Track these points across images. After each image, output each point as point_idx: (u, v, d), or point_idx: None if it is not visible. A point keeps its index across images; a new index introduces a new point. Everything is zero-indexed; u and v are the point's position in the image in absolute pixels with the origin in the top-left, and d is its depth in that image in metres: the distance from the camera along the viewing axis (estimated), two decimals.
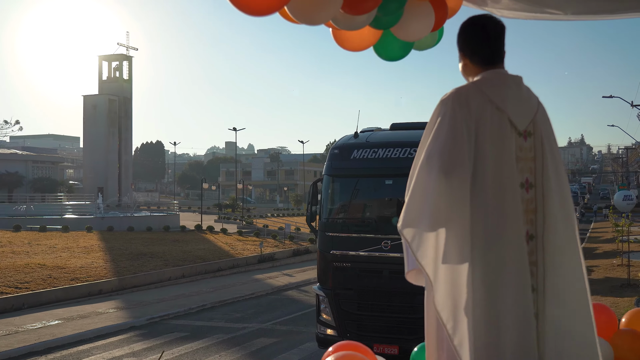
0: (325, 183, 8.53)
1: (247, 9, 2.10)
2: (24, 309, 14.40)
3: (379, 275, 7.83)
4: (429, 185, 2.25)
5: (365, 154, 8.19)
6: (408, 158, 7.60)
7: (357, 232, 8.10)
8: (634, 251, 18.74)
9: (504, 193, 2.31)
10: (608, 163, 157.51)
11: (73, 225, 31.93)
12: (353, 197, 8.59)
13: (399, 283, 7.41)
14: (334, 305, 8.01)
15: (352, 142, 8.51)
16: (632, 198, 39.71)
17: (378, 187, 8.39)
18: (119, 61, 59.19)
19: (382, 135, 8.73)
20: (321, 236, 8.41)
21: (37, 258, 20.11)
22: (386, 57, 3.00)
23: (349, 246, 8.04)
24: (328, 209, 8.49)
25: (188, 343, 10.93)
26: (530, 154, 2.40)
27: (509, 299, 2.25)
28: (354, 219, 8.45)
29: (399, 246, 7.23)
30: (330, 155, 8.59)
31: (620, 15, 3.13)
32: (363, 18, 2.51)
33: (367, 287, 7.85)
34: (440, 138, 2.30)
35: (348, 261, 8.01)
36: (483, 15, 2.56)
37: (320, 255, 8.41)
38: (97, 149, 55.98)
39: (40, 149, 77.72)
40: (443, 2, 2.92)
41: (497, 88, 2.41)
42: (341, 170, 8.39)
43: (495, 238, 2.28)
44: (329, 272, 8.17)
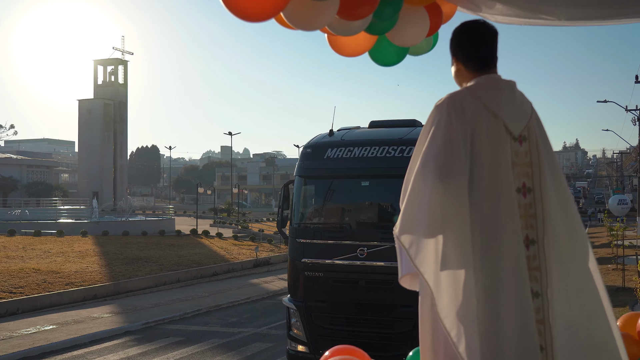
0: (296, 185, 7.87)
1: (244, 15, 2.11)
2: (19, 313, 14.33)
3: (354, 286, 7.15)
4: (426, 191, 2.25)
5: (340, 153, 7.53)
6: (386, 157, 7.19)
7: (330, 239, 7.39)
8: (629, 255, 18.79)
9: (500, 198, 2.30)
10: (603, 167, 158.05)
11: (68, 229, 31.80)
12: (326, 200, 7.91)
13: (375, 295, 6.99)
14: (306, 319, 7.33)
15: (326, 141, 7.83)
16: (627, 202, 39.87)
17: (354, 189, 7.71)
18: (114, 65, 59.13)
19: (359, 133, 8.12)
20: (292, 243, 7.72)
21: (31, 263, 20.03)
22: (382, 62, 3.02)
23: (321, 254, 7.35)
24: (299, 213, 7.81)
25: (183, 348, 10.90)
26: (526, 159, 2.40)
27: (508, 305, 2.23)
28: (327, 224, 7.72)
29: (375, 254, 6.92)
30: (302, 155, 7.92)
31: (613, 21, 3.16)
32: (358, 24, 2.53)
33: (341, 299, 7.20)
34: (436, 144, 2.30)
35: (320, 270, 7.32)
36: (476, 21, 2.56)
37: (290, 263, 7.75)
38: (92, 153, 55.85)
39: (35, 154, 77.54)
40: (438, 7, 2.93)
41: (492, 93, 2.41)
42: (313, 171, 7.74)
43: (492, 243, 2.27)
44: (299, 282, 7.48)
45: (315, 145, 7.82)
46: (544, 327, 2.29)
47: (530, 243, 2.34)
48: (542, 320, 2.29)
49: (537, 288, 2.31)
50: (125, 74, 59.60)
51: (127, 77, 59.75)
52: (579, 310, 2.35)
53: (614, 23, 3.20)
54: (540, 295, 2.31)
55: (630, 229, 23.89)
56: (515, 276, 2.26)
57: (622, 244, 18.13)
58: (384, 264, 6.88)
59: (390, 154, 7.17)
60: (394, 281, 7.18)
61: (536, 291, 2.30)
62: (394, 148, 7.17)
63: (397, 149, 7.15)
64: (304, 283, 7.41)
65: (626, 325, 3.66)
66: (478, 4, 2.98)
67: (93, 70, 59.24)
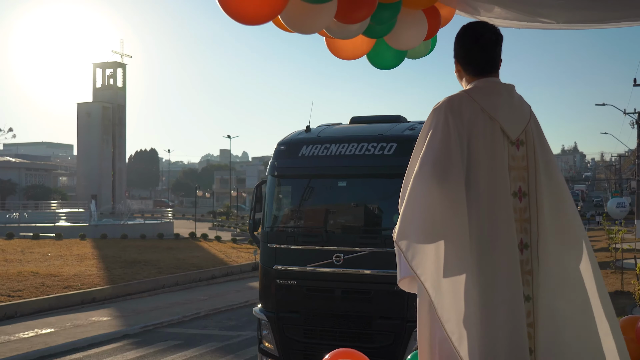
0: (269, 185, 7.29)
1: (241, 18, 2.11)
2: (17, 317, 14.29)
3: (330, 295, 6.60)
4: (423, 194, 2.25)
5: (316, 151, 6.94)
6: (365, 155, 6.67)
7: (304, 244, 6.82)
8: (627, 259, 18.80)
9: (495, 202, 2.30)
10: (601, 170, 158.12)
11: (66, 232, 31.77)
12: (300, 202, 7.31)
13: (353, 305, 6.51)
14: (277, 331, 6.77)
15: (301, 137, 7.26)
16: (625, 205, 39.87)
17: (330, 189, 7.08)
18: (113, 69, 59.13)
19: (337, 129, 7.57)
20: (263, 248, 7.14)
21: (30, 266, 19.99)
22: (380, 65, 3.02)
23: (294, 260, 6.80)
24: (271, 215, 7.22)
25: (182, 351, 10.88)
26: (523, 163, 2.40)
27: (502, 309, 2.23)
28: (301, 227, 7.13)
29: (352, 260, 6.45)
30: (275, 153, 7.30)
31: (611, 25, 3.17)
32: (356, 27, 2.53)
33: (316, 310, 6.65)
34: (434, 147, 2.30)
35: (293, 278, 6.76)
36: (479, 23, 2.56)
37: (261, 270, 7.15)
38: (91, 156, 55.82)
39: (33, 157, 77.48)
40: (436, 11, 2.94)
41: (489, 97, 2.41)
42: (286, 170, 7.15)
43: (488, 247, 2.27)
44: (271, 291, 6.91)
45: (289, 143, 7.26)
46: (533, 330, 2.31)
47: (524, 247, 2.35)
48: (531, 324, 2.31)
49: (529, 292, 2.32)
50: (124, 77, 59.60)
51: (125, 81, 59.78)
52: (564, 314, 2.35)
53: (612, 26, 3.21)
54: (531, 299, 2.32)
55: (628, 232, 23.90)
56: (510, 280, 2.26)
57: (621, 247, 18.12)
58: (362, 271, 6.48)
59: (369, 152, 6.67)
60: (373, 291, 6.38)
61: (527, 295, 2.32)
62: (373, 145, 6.69)
63: (377, 146, 6.66)
64: (275, 292, 6.88)
65: (624, 328, 3.66)
66: (476, 7, 2.99)
67: (92, 74, 59.27)
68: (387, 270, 6.26)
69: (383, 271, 6.35)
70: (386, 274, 6.29)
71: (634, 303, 12.83)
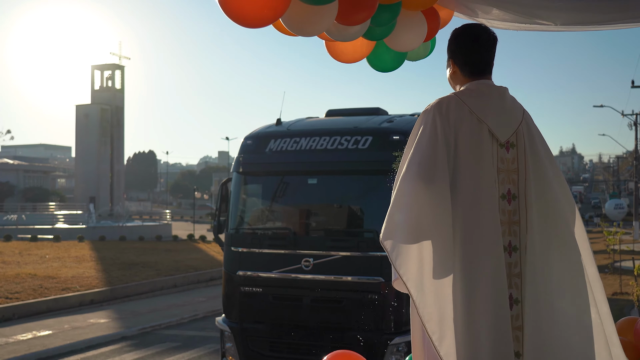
0: (233, 183, 6.72)
1: (242, 20, 2.12)
2: (14, 319, 14.27)
3: (298, 304, 6.05)
4: (409, 195, 2.26)
5: (284, 145, 6.39)
6: (337, 150, 6.13)
7: (270, 247, 6.26)
8: (625, 260, 18.82)
9: (481, 203, 2.30)
10: (599, 172, 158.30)
11: (64, 234, 31.73)
12: (267, 202, 6.82)
13: (322, 316, 6.00)
14: (241, 344, 6.21)
15: (270, 131, 6.71)
16: (623, 207, 40.01)
17: (299, 187, 6.52)
18: (111, 70, 59.11)
19: (309, 122, 7.00)
20: (227, 252, 6.58)
21: (28, 268, 19.96)
22: (379, 68, 3.03)
23: (259, 265, 6.26)
24: (236, 216, 6.66)
25: (180, 353, 10.87)
26: (513, 166, 2.39)
27: (485, 311, 2.23)
28: (267, 229, 6.60)
29: (322, 266, 5.92)
30: (241, 147, 6.73)
31: (609, 26, 3.18)
32: (356, 29, 2.54)
33: (282, 320, 6.12)
34: (420, 148, 2.31)
35: (259, 285, 6.21)
36: (477, 25, 2.58)
37: (225, 277, 6.60)
38: (89, 158, 55.77)
39: (31, 159, 77.44)
40: (435, 12, 2.95)
41: (479, 99, 2.42)
42: (252, 167, 6.62)
43: (472, 249, 2.27)
44: (235, 299, 6.36)
45: (257, 136, 6.71)
46: (522, 333, 2.30)
47: (512, 250, 2.34)
48: (520, 327, 2.30)
49: (517, 295, 2.32)
50: (122, 79, 59.60)
51: (124, 82, 59.77)
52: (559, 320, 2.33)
53: (609, 28, 3.22)
54: (520, 302, 2.32)
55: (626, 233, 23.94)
56: (494, 282, 2.25)
57: (619, 248, 18.15)
58: (333, 277, 5.94)
59: (342, 146, 6.13)
60: (345, 299, 5.93)
61: (516, 298, 2.32)
62: (347, 139, 6.15)
63: (351, 140, 6.13)
64: (239, 301, 6.31)
65: (623, 330, 3.67)
66: (474, 9, 3.00)
67: (90, 76, 59.26)
68: (360, 277, 5.85)
69: (356, 278, 5.88)
70: (360, 280, 5.87)
71: (632, 304, 12.85)
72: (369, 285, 5.85)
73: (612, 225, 23.06)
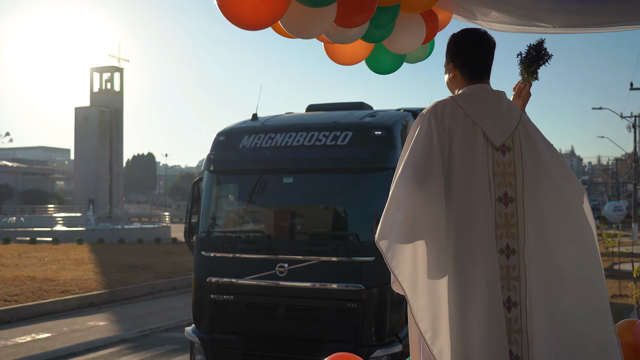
0: (205, 182, 6.31)
1: (242, 23, 2.13)
2: (13, 322, 14.25)
3: (272, 313, 5.65)
4: (403, 197, 2.28)
5: (259, 141, 5.98)
6: (315, 146, 5.73)
7: (242, 252, 5.84)
8: (624, 262, 18.83)
9: (475, 206, 2.32)
10: (598, 174, 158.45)
11: (63, 237, 31.71)
12: (239, 202, 6.40)
13: (298, 326, 5.58)
14: (212, 355, 5.84)
15: (245, 126, 6.29)
16: (622, 209, 40.05)
17: (274, 187, 6.06)
18: (110, 73, 59.18)
19: (286, 117, 6.60)
20: (197, 257, 6.16)
21: (26, 270, 19.95)
22: (378, 70, 3.04)
23: (231, 271, 5.83)
24: (207, 218, 6.23)
25: (179, 356, 10.86)
26: (510, 169, 2.40)
27: (477, 313, 2.24)
28: (239, 232, 6.17)
29: (298, 272, 5.50)
30: (213, 144, 6.30)
31: (607, 29, 3.19)
32: (355, 31, 2.55)
33: (255, 330, 5.72)
34: (415, 151, 2.35)
35: (230, 293, 5.79)
36: (477, 30, 2.61)
37: (195, 283, 6.16)
38: (88, 160, 55.80)
39: (30, 161, 77.43)
40: (434, 14, 2.96)
41: (475, 103, 2.45)
42: (224, 164, 6.18)
43: (465, 251, 2.29)
44: (205, 308, 5.93)
45: (229, 133, 6.28)
46: (520, 336, 2.30)
47: (510, 252, 2.35)
48: (519, 330, 2.30)
49: (516, 297, 2.32)
50: (121, 82, 59.66)
51: (123, 85, 59.84)
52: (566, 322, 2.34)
53: (608, 30, 3.23)
54: (518, 304, 2.32)
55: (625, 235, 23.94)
56: (487, 284, 2.26)
57: (618, 250, 18.16)
58: (310, 285, 5.54)
59: (320, 142, 5.73)
60: (322, 308, 5.55)
61: (514, 300, 2.32)
62: (325, 134, 5.77)
63: (330, 136, 5.74)
64: (209, 309, 5.89)
65: (622, 332, 3.67)
66: (473, 11, 3.01)
67: (89, 78, 59.33)
68: (339, 284, 5.46)
69: (334, 285, 5.48)
70: (338, 288, 5.47)
71: (631, 307, 12.85)
72: (348, 293, 5.43)
73: (611, 227, 23.06)
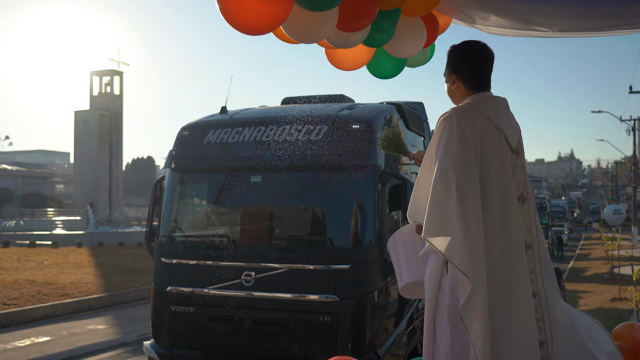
0: (167, 182, 5.74)
1: (244, 28, 2.14)
2: (12, 325, 14.23)
3: (237, 327, 5.06)
4: (450, 198, 2.35)
5: (225, 136, 5.44)
6: (286, 141, 5.21)
7: (205, 258, 5.23)
8: (624, 265, 18.83)
9: (506, 205, 2.48)
10: (598, 177, 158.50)
11: (63, 240, 31.69)
12: (202, 204, 5.90)
13: (266, 341, 4.96)
14: None
15: (210, 120, 5.76)
16: (622, 212, 40.04)
17: (241, 186, 5.45)
18: (110, 76, 59.29)
19: (256, 110, 6.02)
20: (156, 264, 5.57)
21: (26, 274, 19.93)
22: (379, 75, 3.06)
23: (193, 280, 5.26)
24: (168, 221, 5.66)
25: None
26: (521, 170, 2.60)
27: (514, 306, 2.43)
28: (202, 237, 5.55)
29: (266, 281, 4.94)
30: (176, 140, 5.74)
31: (606, 33, 3.21)
32: (357, 36, 2.56)
33: (219, 346, 5.13)
34: (452, 153, 2.41)
35: (192, 304, 5.23)
36: (477, 42, 2.69)
37: (153, 293, 5.56)
38: (87, 164, 55.82)
39: (30, 164, 77.40)
40: (434, 18, 2.98)
41: (492, 108, 2.57)
42: (186, 161, 5.61)
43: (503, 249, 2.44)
44: (164, 321, 5.36)
45: (194, 127, 5.73)
46: (543, 324, 2.50)
47: (527, 247, 2.52)
48: (540, 318, 2.50)
49: (534, 288, 2.52)
50: (121, 85, 59.75)
51: (122, 88, 59.91)
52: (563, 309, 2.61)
53: (606, 34, 3.25)
54: (537, 294, 2.51)
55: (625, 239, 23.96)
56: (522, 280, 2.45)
57: (617, 254, 18.17)
58: (279, 295, 4.94)
59: (292, 136, 5.24)
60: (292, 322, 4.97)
61: (533, 291, 2.51)
62: (297, 128, 5.25)
63: (302, 130, 5.22)
64: (169, 322, 5.33)
65: (621, 335, 3.68)
66: (472, 16, 3.03)
67: (89, 81, 59.43)
68: (311, 295, 4.87)
69: (306, 296, 4.89)
70: (310, 299, 4.89)
71: (630, 310, 12.84)
72: (321, 305, 4.85)
73: (611, 230, 23.07)
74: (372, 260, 4.94)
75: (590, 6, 2.86)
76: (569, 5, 2.86)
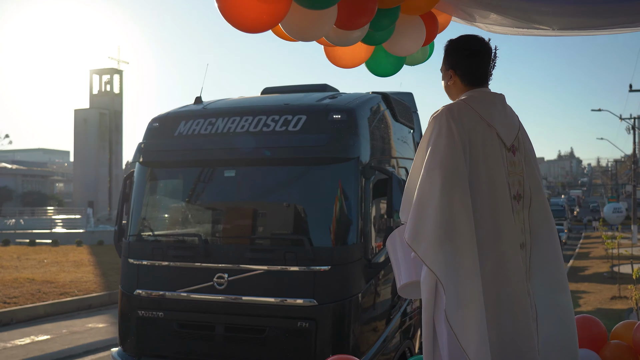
0: (136, 177, 5.39)
1: (242, 26, 2.14)
2: (12, 324, 14.25)
3: (209, 334, 4.76)
4: (435, 196, 2.32)
5: (197, 128, 5.09)
6: (262, 132, 4.82)
7: (175, 259, 4.90)
8: (624, 264, 18.84)
9: (497, 205, 2.42)
10: (598, 176, 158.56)
11: (63, 239, 31.71)
12: (172, 201, 5.57)
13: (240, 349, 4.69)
14: None
15: (182, 111, 5.43)
16: (622, 210, 40.09)
17: (213, 182, 5.14)
18: (110, 75, 59.28)
19: (232, 100, 5.68)
20: (124, 265, 5.24)
21: (26, 272, 19.94)
22: (378, 73, 3.05)
23: (162, 283, 4.93)
24: (137, 219, 5.31)
25: None
26: (519, 168, 2.55)
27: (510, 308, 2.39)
28: (172, 236, 5.24)
29: (240, 283, 4.63)
30: (146, 132, 5.40)
31: (606, 31, 3.20)
32: (356, 34, 2.56)
33: (190, 354, 4.82)
34: (439, 151, 2.38)
35: (161, 309, 4.91)
36: (475, 37, 2.65)
37: (120, 297, 5.23)
38: (87, 162, 55.83)
39: (30, 163, 77.44)
40: (433, 16, 2.97)
41: (485, 105, 2.53)
42: (155, 155, 5.27)
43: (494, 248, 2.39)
44: (132, 327, 5.04)
45: (165, 118, 5.38)
46: (536, 324, 2.48)
47: (521, 247, 2.49)
48: (534, 318, 2.48)
49: (528, 287, 2.49)
50: (120, 84, 59.74)
51: (122, 87, 59.92)
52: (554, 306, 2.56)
53: (606, 33, 3.24)
54: (530, 294, 2.49)
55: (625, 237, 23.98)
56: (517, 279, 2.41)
57: (617, 252, 18.18)
58: (254, 299, 4.63)
59: (268, 127, 4.84)
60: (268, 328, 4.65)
61: (527, 290, 2.48)
62: (274, 119, 4.87)
63: (280, 120, 4.84)
64: (137, 328, 5.01)
65: (621, 333, 3.68)
66: (472, 14, 3.02)
67: (89, 80, 59.41)
68: (287, 299, 4.56)
69: (283, 300, 4.58)
70: (286, 303, 4.56)
71: (630, 308, 12.85)
72: (299, 309, 4.54)
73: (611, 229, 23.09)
74: (354, 260, 4.52)
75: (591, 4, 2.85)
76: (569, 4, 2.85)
